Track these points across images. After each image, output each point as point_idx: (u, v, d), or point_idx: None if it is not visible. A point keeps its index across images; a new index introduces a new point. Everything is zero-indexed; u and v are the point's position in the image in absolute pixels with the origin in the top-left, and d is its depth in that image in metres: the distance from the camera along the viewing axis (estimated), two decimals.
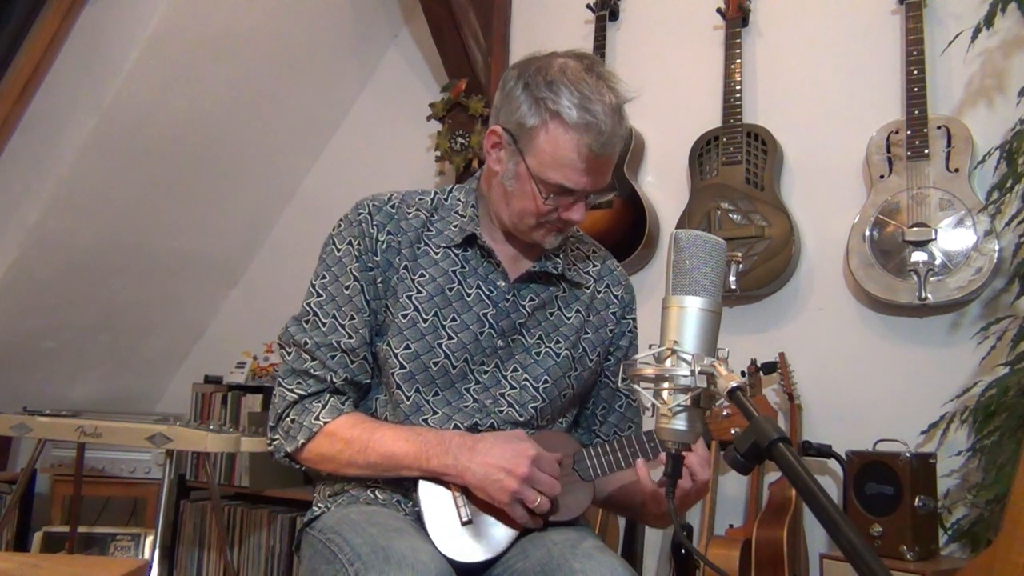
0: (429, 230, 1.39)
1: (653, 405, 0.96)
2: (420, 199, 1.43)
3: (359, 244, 1.37)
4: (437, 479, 1.29)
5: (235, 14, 2.83)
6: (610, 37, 2.86)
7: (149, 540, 2.80)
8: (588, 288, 1.46)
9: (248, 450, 2.31)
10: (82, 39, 2.76)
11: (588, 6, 2.88)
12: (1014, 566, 1.26)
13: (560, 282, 1.43)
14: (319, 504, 1.38)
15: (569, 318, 1.43)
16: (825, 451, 2.23)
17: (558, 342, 1.40)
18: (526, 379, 1.37)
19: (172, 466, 2.24)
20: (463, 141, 2.96)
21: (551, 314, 1.42)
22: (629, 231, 2.62)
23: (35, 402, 2.79)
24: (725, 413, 1.32)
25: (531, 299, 1.40)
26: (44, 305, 3.04)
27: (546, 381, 1.38)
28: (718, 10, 2.63)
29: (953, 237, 2.14)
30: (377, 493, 1.34)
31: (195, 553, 3.07)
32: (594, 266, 1.50)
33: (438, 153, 3.06)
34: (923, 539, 1.93)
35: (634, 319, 1.53)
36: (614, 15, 2.89)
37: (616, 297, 1.50)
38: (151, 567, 2.21)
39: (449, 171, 3.06)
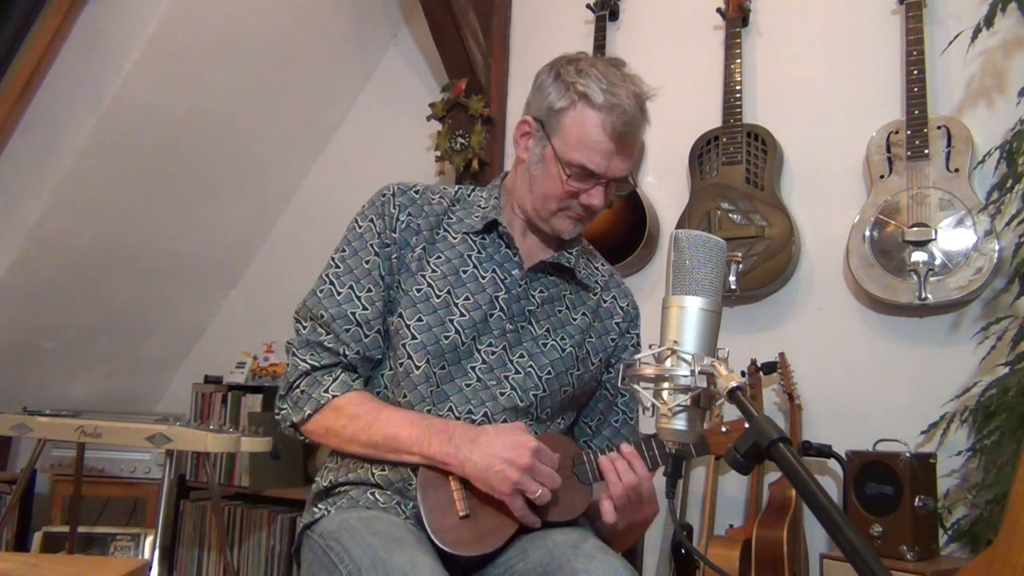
0: (450, 217, 1.46)
1: (653, 405, 0.96)
2: (444, 189, 1.51)
3: (380, 223, 1.42)
4: (437, 470, 1.29)
5: (235, 14, 2.83)
6: (610, 37, 2.86)
7: (149, 540, 2.80)
8: (595, 295, 1.51)
9: (248, 450, 2.31)
10: (82, 39, 2.76)
11: (588, 6, 2.88)
12: (1014, 566, 1.26)
13: (571, 281, 1.48)
14: (319, 505, 1.38)
15: (575, 318, 1.46)
16: (825, 451, 2.23)
17: (564, 338, 1.43)
18: (531, 366, 1.39)
19: (172, 466, 2.24)
20: (463, 141, 2.96)
21: (559, 311, 1.46)
22: (629, 231, 2.62)
23: (35, 402, 2.79)
24: (724, 430, 1.31)
25: (542, 291, 1.44)
26: (44, 305, 3.04)
27: (549, 372, 1.40)
28: (718, 10, 2.63)
29: (953, 237, 2.14)
30: (377, 495, 1.34)
31: (195, 553, 3.07)
32: (602, 276, 1.55)
33: (438, 153, 3.06)
34: (923, 539, 1.93)
35: (638, 335, 1.56)
36: (614, 15, 2.89)
37: (621, 308, 1.53)
38: (151, 567, 2.20)
39: (449, 171, 3.06)
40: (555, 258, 1.45)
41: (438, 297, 1.38)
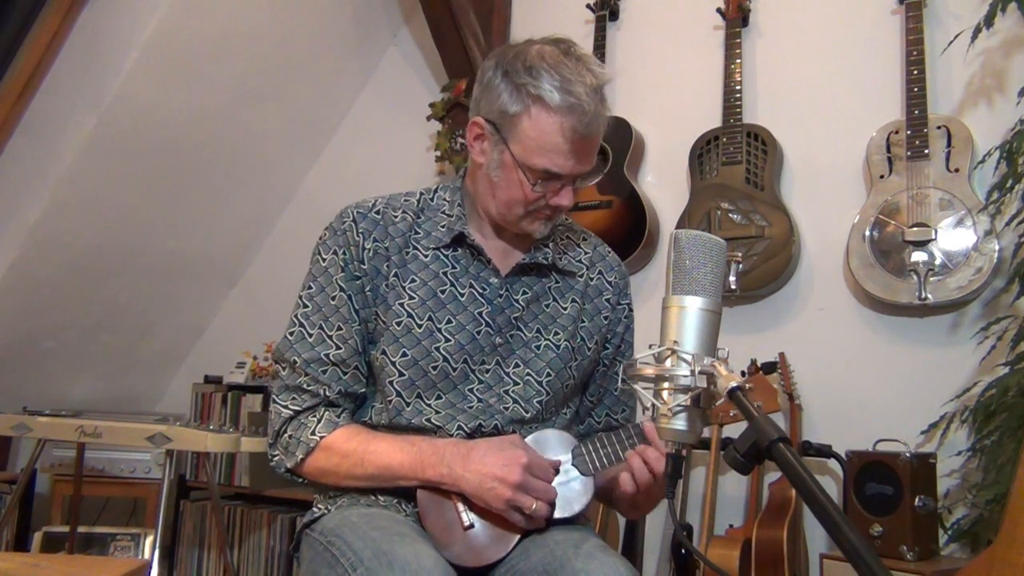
0: (416, 232, 1.38)
1: (653, 405, 0.97)
2: (405, 201, 1.42)
3: (344, 253, 1.35)
4: (435, 488, 1.29)
5: (235, 14, 2.83)
6: (610, 37, 2.86)
7: (149, 540, 2.80)
8: (581, 276, 1.46)
9: (248, 450, 2.30)
10: (82, 39, 2.76)
11: (588, 6, 2.88)
12: (1014, 566, 1.26)
13: (552, 272, 1.43)
14: (319, 505, 1.38)
15: (565, 308, 1.42)
16: (825, 451, 2.23)
17: (556, 333, 1.39)
18: (529, 374, 1.36)
19: (172, 466, 2.24)
20: (463, 141, 2.96)
21: (547, 306, 1.41)
22: (629, 231, 2.62)
23: (35, 402, 2.79)
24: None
25: (524, 292, 1.39)
26: (44, 305, 3.04)
27: (548, 374, 1.37)
28: (718, 10, 2.63)
29: (953, 237, 2.14)
30: (378, 494, 1.34)
31: (195, 553, 3.07)
32: (585, 253, 1.49)
33: (438, 153, 3.06)
34: (923, 539, 1.92)
35: (629, 304, 1.52)
36: (614, 15, 2.89)
37: (610, 283, 1.49)
38: (151, 567, 2.20)
39: (449, 171, 3.06)
40: (531, 258, 1.39)
41: (420, 326, 1.33)
